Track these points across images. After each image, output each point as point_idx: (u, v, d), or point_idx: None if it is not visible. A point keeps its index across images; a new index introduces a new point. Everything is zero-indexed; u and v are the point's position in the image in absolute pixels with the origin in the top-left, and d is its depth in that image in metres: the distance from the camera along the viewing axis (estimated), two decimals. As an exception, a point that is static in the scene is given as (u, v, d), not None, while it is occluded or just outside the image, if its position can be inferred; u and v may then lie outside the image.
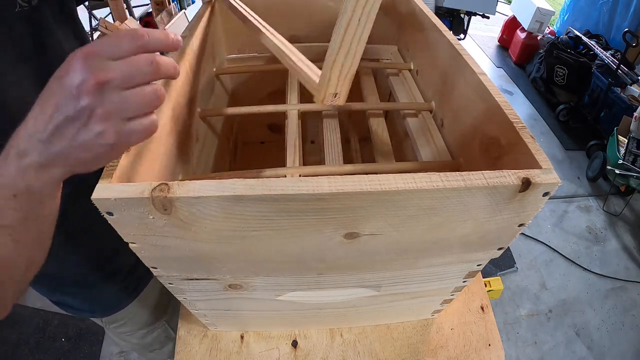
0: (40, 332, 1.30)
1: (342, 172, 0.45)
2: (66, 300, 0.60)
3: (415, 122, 0.54)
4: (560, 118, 2.50)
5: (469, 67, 0.42)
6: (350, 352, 0.53)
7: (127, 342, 0.74)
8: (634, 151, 1.80)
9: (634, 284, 1.64)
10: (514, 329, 1.46)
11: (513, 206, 0.29)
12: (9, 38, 0.37)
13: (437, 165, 0.46)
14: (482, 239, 0.34)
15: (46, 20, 0.41)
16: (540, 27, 2.93)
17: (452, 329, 0.56)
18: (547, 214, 1.91)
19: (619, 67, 2.10)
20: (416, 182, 0.26)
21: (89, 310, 0.63)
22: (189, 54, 0.48)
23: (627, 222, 1.91)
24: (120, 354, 1.27)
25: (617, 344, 1.45)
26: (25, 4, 0.38)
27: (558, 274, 1.66)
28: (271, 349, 0.52)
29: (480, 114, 0.41)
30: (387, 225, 0.30)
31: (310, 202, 0.26)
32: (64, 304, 0.61)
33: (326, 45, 0.30)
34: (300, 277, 0.39)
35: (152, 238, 0.30)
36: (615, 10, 2.64)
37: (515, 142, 0.33)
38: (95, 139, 0.25)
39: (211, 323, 0.51)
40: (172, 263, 0.35)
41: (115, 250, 0.56)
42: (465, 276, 0.43)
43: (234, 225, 0.28)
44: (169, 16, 2.45)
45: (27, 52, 0.39)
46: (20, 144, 0.26)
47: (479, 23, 3.24)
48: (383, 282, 0.42)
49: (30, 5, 0.39)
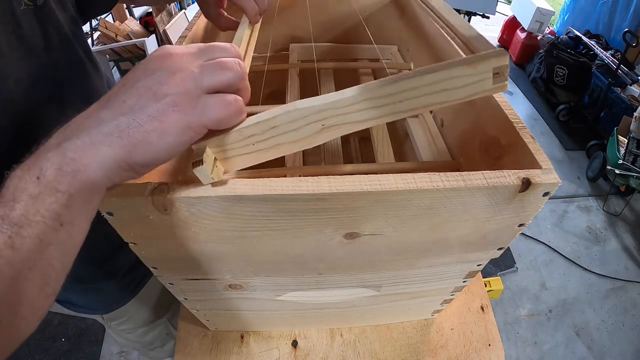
0: (40, 332, 1.29)
1: (342, 172, 0.45)
2: (67, 297, 0.60)
3: (415, 122, 0.54)
4: (560, 118, 2.50)
5: (469, 67, 0.42)
6: (350, 352, 0.53)
7: (127, 340, 0.74)
8: (634, 151, 1.80)
9: (634, 284, 1.64)
10: (514, 329, 1.46)
11: (513, 206, 0.29)
12: (16, 35, 0.37)
13: (437, 165, 0.46)
14: (482, 239, 0.34)
15: (50, 18, 0.42)
16: (540, 27, 2.93)
17: (452, 329, 0.56)
18: (547, 214, 1.91)
19: (619, 67, 2.10)
20: (416, 182, 0.26)
21: (89, 308, 0.63)
22: (189, 54, 0.48)
23: (627, 222, 1.91)
24: (120, 354, 1.27)
25: (617, 344, 1.45)
26: (30, 3, 0.39)
27: (558, 274, 1.66)
28: (271, 349, 0.52)
29: (480, 114, 0.41)
30: (387, 225, 0.30)
31: (310, 202, 0.26)
32: (65, 301, 0.61)
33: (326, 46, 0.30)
34: (300, 277, 0.39)
35: (152, 238, 0.30)
36: (615, 10, 2.64)
37: (515, 142, 0.33)
38: (165, 106, 0.22)
39: (211, 323, 0.51)
40: (172, 263, 0.35)
41: (116, 248, 0.56)
42: (466, 276, 0.43)
43: (234, 225, 0.28)
44: (169, 16, 2.45)
45: (34, 50, 0.40)
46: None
47: (479, 23, 3.23)
48: (383, 282, 0.42)
49: (35, 5, 0.39)
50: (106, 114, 0.22)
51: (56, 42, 0.42)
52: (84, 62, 0.47)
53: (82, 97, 0.46)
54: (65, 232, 0.22)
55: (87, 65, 0.48)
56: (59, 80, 0.43)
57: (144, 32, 2.48)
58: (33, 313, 0.22)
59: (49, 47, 0.41)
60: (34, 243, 0.20)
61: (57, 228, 0.21)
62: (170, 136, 0.23)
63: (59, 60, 0.43)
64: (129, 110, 0.22)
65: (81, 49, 0.47)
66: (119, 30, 2.35)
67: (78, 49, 0.46)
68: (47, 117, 0.41)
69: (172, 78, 0.23)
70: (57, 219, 0.21)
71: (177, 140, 0.23)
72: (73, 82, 0.45)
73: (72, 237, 0.22)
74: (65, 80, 0.44)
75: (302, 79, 0.60)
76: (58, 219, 0.21)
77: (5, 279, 0.20)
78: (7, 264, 0.20)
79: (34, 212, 0.20)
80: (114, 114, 0.22)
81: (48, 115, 0.41)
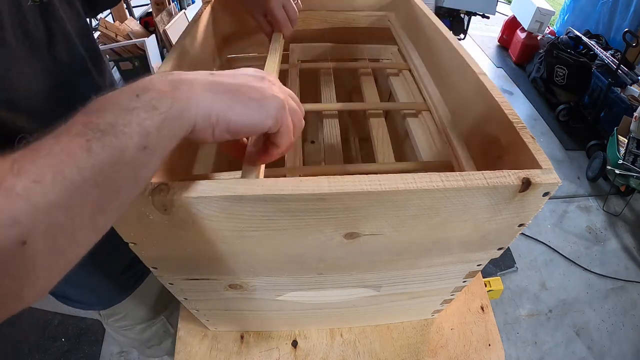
0: (40, 332, 1.30)
1: (342, 172, 0.45)
2: (63, 291, 0.60)
3: (415, 122, 0.54)
4: (560, 118, 2.50)
5: (469, 67, 0.42)
6: (350, 352, 0.53)
7: (125, 338, 0.74)
8: (634, 151, 1.80)
9: (634, 284, 1.64)
10: (514, 329, 1.46)
11: (513, 206, 0.29)
12: (22, 29, 0.38)
13: (437, 165, 0.46)
14: (482, 239, 0.34)
15: (56, 15, 0.42)
16: (540, 27, 2.93)
17: (452, 329, 0.56)
18: (547, 214, 1.91)
19: (619, 67, 2.10)
20: (416, 182, 0.26)
21: (86, 303, 0.63)
22: (189, 54, 0.48)
23: (627, 222, 1.91)
24: (120, 354, 1.27)
25: (617, 344, 1.45)
26: (37, 0, 0.39)
27: (558, 274, 1.66)
28: (271, 349, 0.52)
29: (480, 114, 0.41)
30: (387, 225, 0.30)
31: (310, 202, 0.26)
32: (61, 295, 0.61)
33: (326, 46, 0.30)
34: (300, 277, 0.39)
35: (152, 238, 0.30)
36: (615, 10, 2.64)
37: (515, 142, 0.33)
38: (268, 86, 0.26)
39: (211, 323, 0.51)
40: (172, 263, 0.35)
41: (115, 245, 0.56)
42: (465, 276, 0.43)
43: (234, 225, 0.28)
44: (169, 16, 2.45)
45: (37, 45, 0.40)
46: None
47: (479, 23, 3.24)
48: (383, 282, 0.42)
49: (41, 2, 0.40)
50: (217, 77, 0.25)
51: (59, 39, 0.43)
52: (86, 60, 0.48)
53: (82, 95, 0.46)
54: (145, 158, 0.20)
55: (88, 63, 0.48)
56: (60, 76, 0.44)
57: (144, 32, 2.48)
58: (80, 240, 0.19)
59: (51, 43, 0.42)
60: (113, 155, 0.18)
61: (140, 149, 0.19)
62: (264, 112, 0.25)
63: (62, 57, 0.43)
64: (238, 79, 0.25)
65: (84, 47, 0.47)
66: (119, 30, 2.35)
67: (80, 47, 0.46)
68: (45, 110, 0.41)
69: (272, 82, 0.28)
70: (145, 137, 0.20)
71: (264, 119, 0.25)
72: (74, 80, 0.46)
73: (147, 167, 0.21)
74: (66, 77, 0.44)
75: (302, 79, 0.60)
76: (146, 139, 0.20)
77: (68, 186, 0.17)
78: (77, 170, 0.17)
79: (124, 123, 0.19)
80: (222, 78, 0.25)
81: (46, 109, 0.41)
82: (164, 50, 2.42)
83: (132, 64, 2.30)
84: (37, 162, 0.16)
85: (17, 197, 0.16)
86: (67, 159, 0.17)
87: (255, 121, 0.25)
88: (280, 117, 0.26)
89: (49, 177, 0.16)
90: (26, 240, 0.16)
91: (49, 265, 0.17)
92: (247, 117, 0.24)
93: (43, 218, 0.16)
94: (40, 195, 0.16)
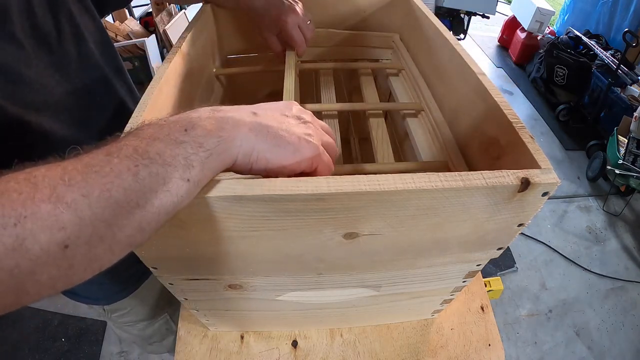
0: (40, 332, 1.30)
1: (342, 172, 0.45)
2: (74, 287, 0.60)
3: (415, 122, 0.54)
4: (560, 118, 2.50)
5: (469, 67, 0.42)
6: (350, 352, 0.53)
7: (127, 334, 0.74)
8: (634, 151, 1.80)
9: (634, 284, 1.64)
10: (514, 329, 1.46)
11: (512, 206, 0.29)
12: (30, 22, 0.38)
13: (437, 165, 0.46)
14: (481, 239, 0.34)
15: (66, 9, 0.43)
16: (540, 27, 2.93)
17: (452, 329, 0.56)
18: (547, 214, 1.91)
19: (619, 67, 2.10)
20: (415, 183, 0.26)
21: (91, 298, 0.63)
22: (188, 54, 0.48)
23: (627, 222, 1.91)
24: (120, 354, 1.28)
25: (617, 344, 1.45)
26: None
27: (558, 274, 1.66)
28: (271, 349, 0.52)
29: (479, 114, 0.41)
30: (387, 225, 0.30)
31: (309, 202, 0.26)
32: (71, 292, 0.61)
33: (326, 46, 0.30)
34: (300, 277, 0.39)
35: (152, 238, 0.30)
36: (615, 10, 2.64)
37: (515, 142, 0.33)
38: (306, 131, 0.28)
39: (211, 323, 0.51)
40: (172, 263, 0.35)
41: None
42: (465, 276, 0.43)
43: (234, 225, 0.28)
44: (169, 16, 2.45)
45: (45, 38, 0.40)
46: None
47: (479, 23, 3.24)
48: (383, 282, 0.42)
49: None
50: (261, 118, 0.26)
51: (68, 33, 0.43)
52: (95, 55, 0.48)
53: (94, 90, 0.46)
54: (186, 190, 0.22)
55: (98, 59, 0.48)
56: (70, 71, 0.43)
57: (144, 32, 2.48)
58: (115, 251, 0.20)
59: (60, 37, 0.42)
60: (157, 183, 0.20)
61: (183, 180, 0.21)
62: (299, 156, 0.27)
63: (71, 51, 0.44)
64: (280, 122, 0.27)
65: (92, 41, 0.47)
66: (119, 30, 2.35)
67: (89, 43, 0.46)
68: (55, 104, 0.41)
69: (309, 124, 0.29)
70: (188, 170, 0.21)
71: (300, 161, 0.27)
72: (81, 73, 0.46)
73: (188, 197, 0.22)
74: (77, 72, 0.45)
75: (302, 80, 0.60)
76: (189, 172, 0.21)
77: (113, 204, 0.19)
78: (123, 191, 0.19)
79: (172, 155, 0.21)
80: (266, 120, 0.26)
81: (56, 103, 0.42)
82: (164, 50, 2.42)
83: (132, 64, 2.30)
84: (87, 178, 0.18)
85: (66, 206, 0.17)
86: (115, 179, 0.19)
87: (292, 164, 0.27)
88: (315, 160, 0.28)
89: (97, 193, 0.18)
90: (69, 245, 0.18)
91: (84, 268, 0.20)
92: (284, 160, 0.26)
93: (86, 229, 0.18)
94: (87, 208, 0.18)
